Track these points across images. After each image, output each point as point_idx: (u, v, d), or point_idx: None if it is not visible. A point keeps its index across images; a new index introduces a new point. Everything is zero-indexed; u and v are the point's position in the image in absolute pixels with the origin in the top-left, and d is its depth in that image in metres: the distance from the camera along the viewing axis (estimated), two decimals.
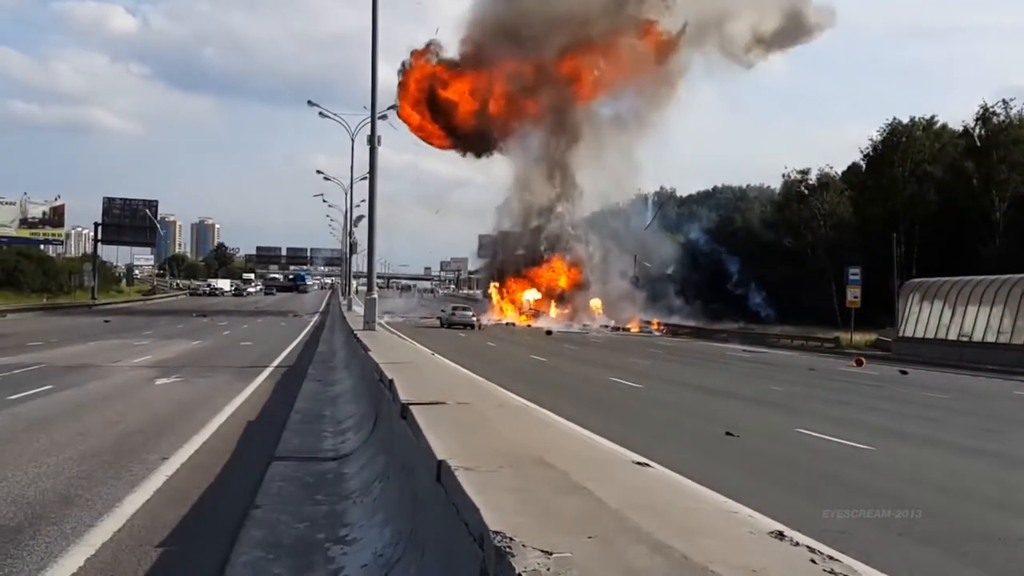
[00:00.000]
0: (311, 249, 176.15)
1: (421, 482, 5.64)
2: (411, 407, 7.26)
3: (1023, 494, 11.53)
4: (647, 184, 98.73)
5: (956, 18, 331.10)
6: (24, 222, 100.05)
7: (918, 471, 12.59)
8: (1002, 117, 64.08)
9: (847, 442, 14.56)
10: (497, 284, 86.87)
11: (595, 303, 79.87)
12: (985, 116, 64.86)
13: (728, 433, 14.71)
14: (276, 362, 26.74)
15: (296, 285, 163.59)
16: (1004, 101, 64.56)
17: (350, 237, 71.31)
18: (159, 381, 20.14)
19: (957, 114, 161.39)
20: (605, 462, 5.52)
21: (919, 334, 46.31)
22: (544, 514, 3.91)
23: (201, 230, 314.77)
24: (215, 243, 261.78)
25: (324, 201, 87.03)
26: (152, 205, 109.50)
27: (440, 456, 5.03)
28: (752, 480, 11.34)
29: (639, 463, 5.66)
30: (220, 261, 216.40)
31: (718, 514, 4.27)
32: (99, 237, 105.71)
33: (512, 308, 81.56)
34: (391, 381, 9.58)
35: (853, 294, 53.76)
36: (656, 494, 4.65)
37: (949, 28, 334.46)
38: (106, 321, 53.41)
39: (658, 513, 4.04)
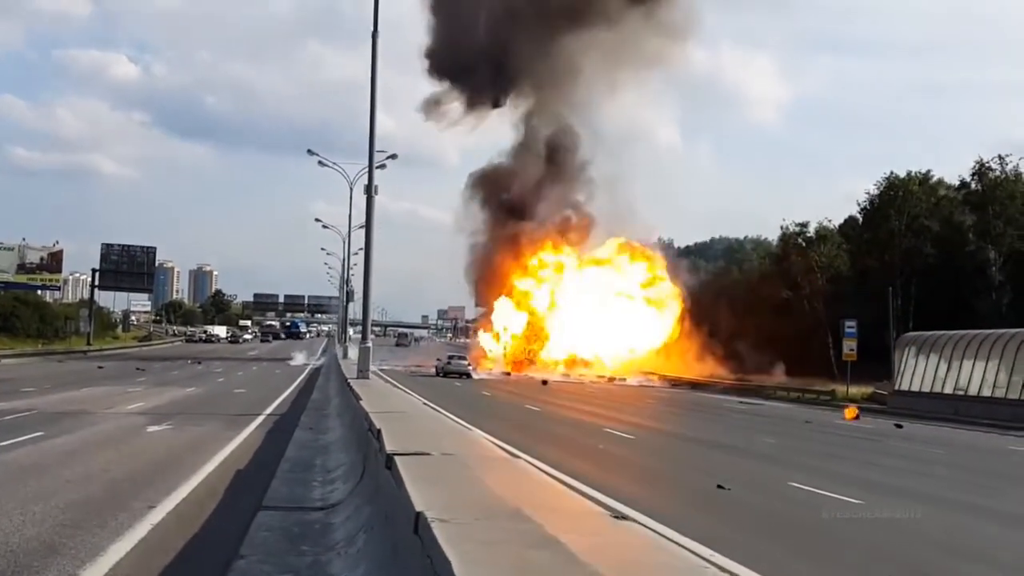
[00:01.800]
0: (309, 296, 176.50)
1: (401, 533, 5.65)
2: (396, 457, 7.27)
3: (1008, 551, 11.49)
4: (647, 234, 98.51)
5: (952, 74, 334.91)
6: (22, 267, 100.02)
7: (908, 526, 12.55)
8: (998, 172, 64.47)
9: (839, 496, 14.49)
10: (496, 332, 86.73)
11: (594, 353, 79.85)
12: (981, 171, 65.25)
13: (720, 486, 14.65)
14: (269, 410, 26.70)
15: (292, 332, 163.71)
16: (1000, 156, 65.07)
17: (347, 285, 71.53)
18: (150, 428, 20.11)
19: (953, 168, 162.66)
20: (582, 515, 5.53)
21: (915, 388, 46.26)
22: (513, 567, 3.93)
23: (199, 276, 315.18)
24: (213, 289, 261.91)
25: (323, 249, 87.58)
26: (150, 251, 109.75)
27: (418, 507, 5.05)
28: (740, 533, 11.31)
29: (617, 516, 5.67)
30: (217, 308, 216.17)
31: (688, 569, 4.28)
32: (96, 283, 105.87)
33: (508, 357, 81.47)
34: (379, 431, 9.59)
35: (849, 347, 53.79)
36: (630, 548, 4.66)
37: (945, 83, 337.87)
38: (100, 367, 53.31)
39: (628, 567, 4.06)
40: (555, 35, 79.48)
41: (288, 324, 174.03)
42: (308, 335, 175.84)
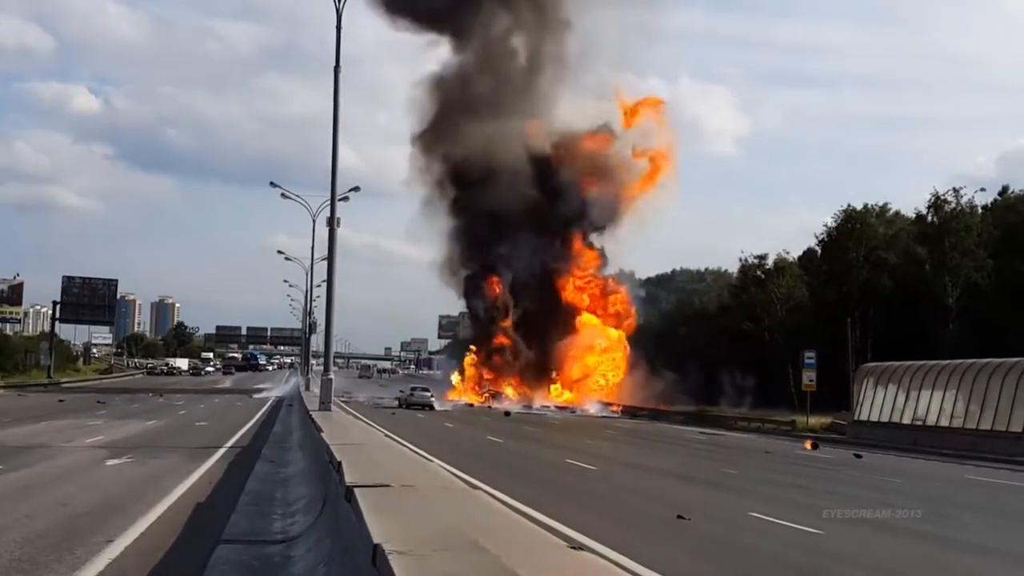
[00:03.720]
0: (272, 329, 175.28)
1: (360, 566, 5.69)
2: (355, 489, 7.32)
3: None
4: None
5: (906, 108, 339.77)
6: None
7: (867, 556, 12.67)
8: (953, 205, 65.35)
9: (798, 526, 14.62)
10: (458, 368, 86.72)
11: (554, 387, 79.95)
12: (937, 204, 66.11)
13: (680, 516, 14.74)
14: (230, 443, 26.53)
15: (251, 364, 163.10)
16: (955, 189, 65.93)
17: (309, 317, 71.41)
18: (110, 462, 19.96)
19: (910, 201, 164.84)
20: (540, 546, 5.60)
21: (874, 418, 46.59)
22: None
23: (161, 309, 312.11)
24: (175, 322, 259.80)
25: (285, 281, 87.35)
26: (112, 284, 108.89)
27: (376, 539, 5.10)
28: (701, 563, 11.42)
29: (575, 547, 5.75)
30: (179, 340, 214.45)
31: None
32: (57, 316, 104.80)
33: (472, 389, 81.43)
34: (339, 463, 9.62)
35: (808, 377, 54.09)
36: None
37: (901, 118, 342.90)
38: (60, 400, 52.77)
39: None
40: None
41: (247, 356, 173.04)
42: (271, 367, 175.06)
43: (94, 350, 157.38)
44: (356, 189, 50.16)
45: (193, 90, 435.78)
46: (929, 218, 66.59)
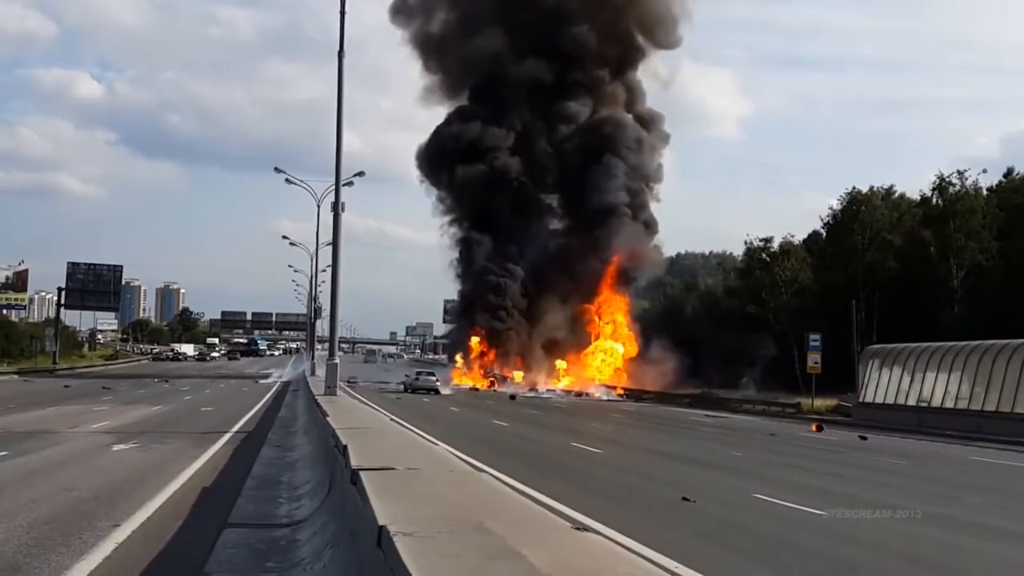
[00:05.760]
0: (277, 314, 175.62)
1: (366, 548, 5.70)
2: (361, 472, 7.33)
3: (970, 559, 11.66)
4: None
5: (911, 91, 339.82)
6: None
7: (871, 537, 12.69)
8: (958, 187, 65.22)
9: (803, 507, 14.63)
10: (462, 353, 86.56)
11: (560, 366, 79.97)
12: (941, 186, 66.00)
13: (685, 498, 14.74)
14: (236, 427, 26.57)
15: (252, 350, 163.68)
16: (959, 171, 65.84)
17: (314, 302, 71.47)
18: (116, 447, 19.98)
19: (915, 183, 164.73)
20: (544, 527, 5.60)
21: (879, 400, 46.59)
22: None
23: (166, 295, 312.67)
24: (180, 308, 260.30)
25: (290, 267, 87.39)
26: (117, 270, 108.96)
27: (382, 521, 5.11)
28: (704, 545, 11.42)
29: (579, 527, 5.76)
30: (185, 326, 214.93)
31: None
32: (62, 302, 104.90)
33: (477, 373, 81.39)
34: (345, 447, 9.63)
35: (813, 360, 54.06)
36: (590, 559, 4.75)
37: (904, 100, 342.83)
38: (66, 386, 52.85)
39: None
40: None
41: (246, 341, 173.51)
42: (276, 352, 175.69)
43: (99, 336, 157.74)
44: (360, 174, 50.21)
45: (196, 76, 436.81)
46: (934, 200, 66.55)
